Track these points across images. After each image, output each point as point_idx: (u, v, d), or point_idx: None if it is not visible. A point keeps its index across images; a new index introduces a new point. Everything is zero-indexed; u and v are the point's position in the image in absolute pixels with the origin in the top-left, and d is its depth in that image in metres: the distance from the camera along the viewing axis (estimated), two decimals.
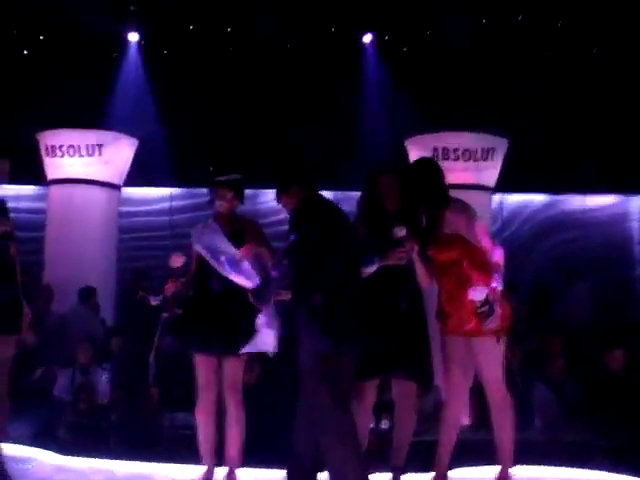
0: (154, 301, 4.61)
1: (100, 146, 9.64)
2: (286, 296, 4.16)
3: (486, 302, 4.11)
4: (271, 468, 4.82)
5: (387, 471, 4.44)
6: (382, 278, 4.18)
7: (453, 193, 4.42)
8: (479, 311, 4.13)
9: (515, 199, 11.70)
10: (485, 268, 4.18)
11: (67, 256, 9.38)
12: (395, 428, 4.47)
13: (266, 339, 4.36)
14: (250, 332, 4.34)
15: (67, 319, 8.44)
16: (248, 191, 4.67)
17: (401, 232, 4.14)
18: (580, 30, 10.86)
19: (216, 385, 4.45)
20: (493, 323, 4.15)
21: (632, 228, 11.60)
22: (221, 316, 4.35)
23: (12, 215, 4.62)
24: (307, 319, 3.76)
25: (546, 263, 11.17)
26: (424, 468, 4.62)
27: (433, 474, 4.42)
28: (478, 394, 4.69)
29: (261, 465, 4.89)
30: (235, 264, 4.31)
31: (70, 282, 8.92)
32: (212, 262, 4.35)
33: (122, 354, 7.13)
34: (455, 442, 4.42)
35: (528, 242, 11.47)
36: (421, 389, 4.48)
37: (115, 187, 10.00)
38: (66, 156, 9.64)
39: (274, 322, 4.37)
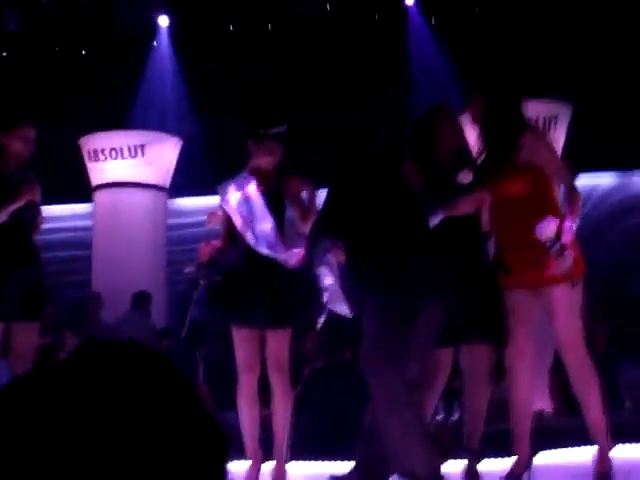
0: (187, 269, 4.12)
1: (143, 147, 9.35)
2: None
3: (557, 240, 3.42)
4: (328, 461, 4.29)
5: (462, 457, 3.86)
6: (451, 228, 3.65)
7: None
8: (549, 250, 3.44)
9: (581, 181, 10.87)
10: (557, 203, 3.58)
11: (115, 262, 9.12)
12: (466, 404, 3.89)
13: (338, 301, 3.83)
14: (300, 302, 3.84)
15: (120, 325, 8.19)
16: None
17: (467, 177, 3.60)
18: None
19: (259, 364, 3.93)
20: (565, 263, 3.47)
21: None
22: (265, 283, 3.84)
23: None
24: (370, 274, 3.24)
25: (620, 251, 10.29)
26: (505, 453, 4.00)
27: (514, 459, 3.79)
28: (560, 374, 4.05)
29: (318, 458, 4.36)
30: (271, 244, 3.82)
31: (119, 289, 8.65)
32: (246, 235, 3.86)
33: (171, 355, 6.73)
34: (531, 429, 3.78)
35: (599, 226, 10.65)
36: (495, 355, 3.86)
37: (161, 189, 9.68)
38: (109, 159, 9.37)
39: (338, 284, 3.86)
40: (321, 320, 3.95)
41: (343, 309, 3.78)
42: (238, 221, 3.90)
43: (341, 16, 10.55)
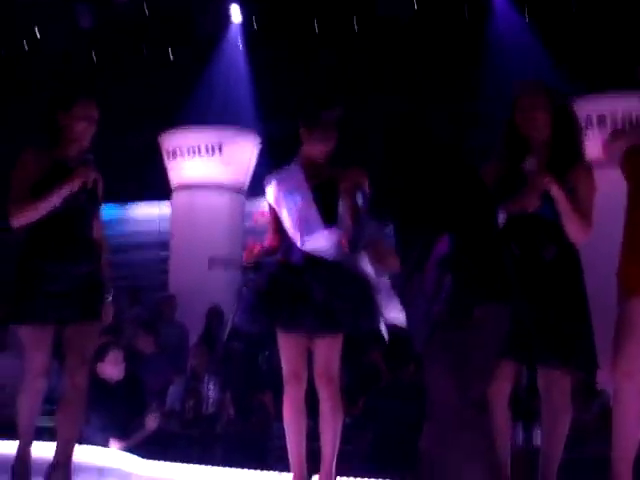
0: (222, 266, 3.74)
1: (220, 145, 9.16)
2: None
3: None
4: None
5: None
6: (513, 228, 3.20)
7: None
8: None
9: None
10: None
11: (191, 262, 8.95)
12: (542, 431, 3.40)
13: (392, 310, 3.42)
14: (354, 306, 3.44)
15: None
16: None
17: (530, 165, 3.14)
18: None
19: (306, 373, 3.53)
20: None
21: None
22: (314, 285, 3.43)
23: None
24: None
25: None
26: None
27: None
28: None
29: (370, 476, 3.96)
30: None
31: (195, 290, 8.48)
32: (292, 233, 3.51)
33: (236, 359, 6.48)
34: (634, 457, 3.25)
35: None
36: (577, 380, 3.35)
37: (239, 190, 9.45)
38: (186, 157, 9.22)
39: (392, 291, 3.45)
40: (384, 329, 3.54)
41: (399, 317, 3.37)
42: (285, 218, 3.54)
43: (427, 13, 10.11)
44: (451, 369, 2.75)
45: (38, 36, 10.66)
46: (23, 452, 3.71)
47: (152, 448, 5.26)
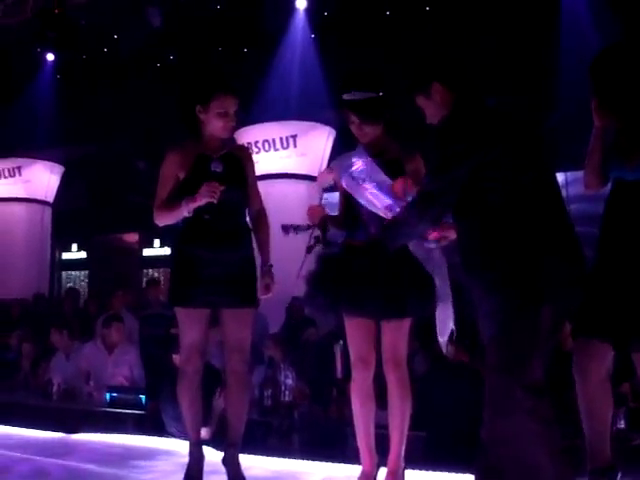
0: (293, 231, 3.65)
1: (295, 137, 9.20)
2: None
3: None
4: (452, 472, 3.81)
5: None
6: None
7: None
8: None
9: None
10: None
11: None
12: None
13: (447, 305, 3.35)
14: (418, 289, 3.37)
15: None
16: None
17: None
18: None
19: (374, 358, 3.49)
20: None
21: None
22: (382, 267, 3.36)
23: None
24: (488, 273, 2.73)
25: None
26: None
27: None
28: None
29: (438, 468, 3.88)
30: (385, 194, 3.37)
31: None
32: (357, 194, 3.45)
33: (311, 346, 6.48)
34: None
35: None
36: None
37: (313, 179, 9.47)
38: (262, 152, 9.29)
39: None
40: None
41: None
42: (359, 193, 3.48)
43: None
44: (503, 354, 2.67)
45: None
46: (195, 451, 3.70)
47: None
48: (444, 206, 2.82)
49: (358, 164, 3.54)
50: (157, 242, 16.04)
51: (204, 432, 5.33)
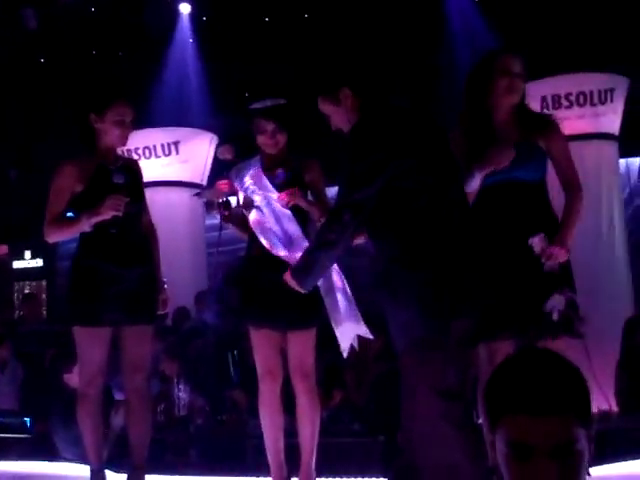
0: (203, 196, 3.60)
1: (177, 144, 9.02)
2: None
3: None
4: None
5: None
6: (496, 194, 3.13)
7: (571, 145, 3.35)
8: None
9: None
10: None
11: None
12: None
13: (354, 321, 3.33)
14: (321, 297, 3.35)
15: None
16: None
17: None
18: None
19: (281, 369, 3.48)
20: None
21: None
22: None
23: None
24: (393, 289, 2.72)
25: None
26: None
27: None
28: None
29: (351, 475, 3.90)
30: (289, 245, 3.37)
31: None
32: (260, 237, 3.44)
33: (201, 357, 6.37)
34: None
35: None
36: None
37: (196, 187, 9.33)
38: (142, 159, 9.06)
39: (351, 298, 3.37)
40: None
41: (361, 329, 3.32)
42: (252, 218, 3.46)
43: None
44: (416, 363, 2.67)
45: None
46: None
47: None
48: (366, 216, 2.78)
49: (250, 178, 3.53)
50: (28, 254, 15.35)
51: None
